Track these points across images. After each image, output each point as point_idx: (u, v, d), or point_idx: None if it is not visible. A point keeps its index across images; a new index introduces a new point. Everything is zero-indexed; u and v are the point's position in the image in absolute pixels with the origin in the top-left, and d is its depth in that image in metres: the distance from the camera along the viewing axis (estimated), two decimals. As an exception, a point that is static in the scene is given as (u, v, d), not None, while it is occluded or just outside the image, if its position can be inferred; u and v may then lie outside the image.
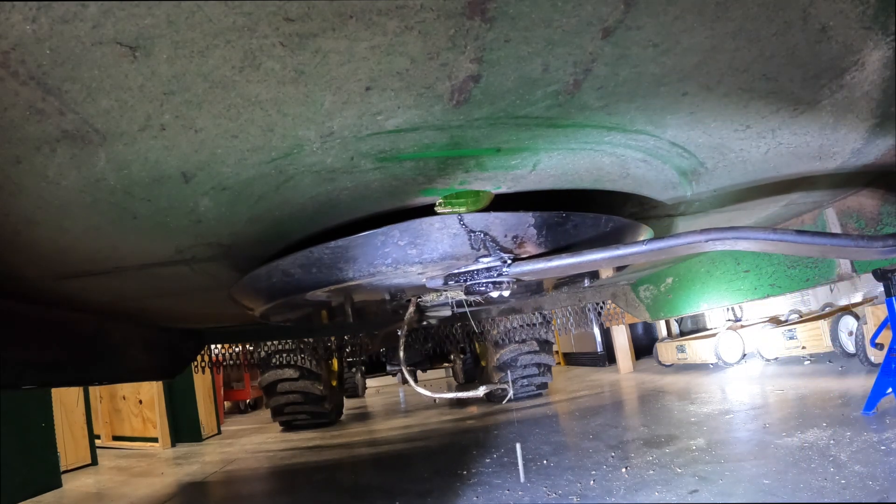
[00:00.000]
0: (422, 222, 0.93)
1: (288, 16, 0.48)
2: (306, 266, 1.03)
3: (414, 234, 0.94)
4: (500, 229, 0.96)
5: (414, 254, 0.96)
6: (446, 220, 0.93)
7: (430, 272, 1.05)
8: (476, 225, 0.94)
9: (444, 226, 0.93)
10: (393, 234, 0.94)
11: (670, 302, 2.36)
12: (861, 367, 3.36)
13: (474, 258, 1.00)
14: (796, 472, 1.72)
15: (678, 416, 2.98)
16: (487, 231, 0.95)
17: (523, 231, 0.97)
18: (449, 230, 0.94)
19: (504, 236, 0.97)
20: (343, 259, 0.99)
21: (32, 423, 3.06)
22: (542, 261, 0.96)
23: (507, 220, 0.95)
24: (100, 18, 0.45)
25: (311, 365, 4.25)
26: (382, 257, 0.97)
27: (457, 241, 0.96)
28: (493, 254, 0.99)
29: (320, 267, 1.02)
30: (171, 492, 2.78)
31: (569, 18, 0.54)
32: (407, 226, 0.93)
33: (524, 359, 4.25)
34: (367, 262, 0.99)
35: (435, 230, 0.94)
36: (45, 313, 1.36)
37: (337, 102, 0.62)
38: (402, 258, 0.97)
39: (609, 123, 0.79)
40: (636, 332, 6.39)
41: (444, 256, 0.98)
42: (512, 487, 2.06)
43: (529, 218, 0.96)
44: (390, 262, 0.98)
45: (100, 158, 0.66)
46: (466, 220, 0.93)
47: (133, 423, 4.46)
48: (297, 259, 1.02)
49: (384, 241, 0.95)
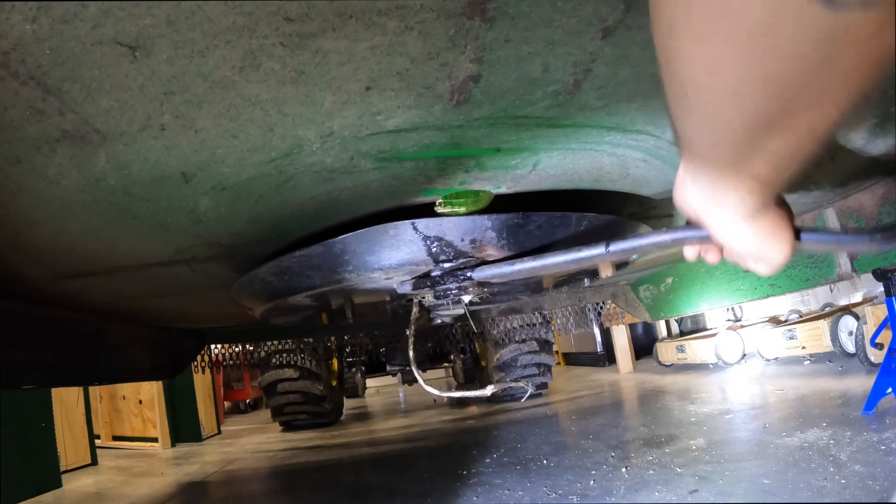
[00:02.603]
0: (375, 230, 0.94)
1: (288, 16, 0.48)
2: (279, 274, 1.08)
3: (370, 243, 0.96)
4: (456, 234, 0.96)
5: (372, 261, 0.99)
6: (399, 226, 0.94)
7: (396, 277, 1.07)
8: (429, 231, 0.94)
9: (397, 233, 0.94)
10: (349, 243, 0.96)
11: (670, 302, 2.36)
12: (861, 367, 3.36)
13: (433, 263, 1.01)
14: (796, 472, 1.73)
15: (678, 416, 2.98)
16: (442, 236, 0.95)
17: (481, 234, 0.97)
18: (404, 237, 0.95)
19: (461, 240, 0.97)
20: (309, 267, 1.03)
21: (32, 423, 3.06)
22: (507, 264, 0.94)
23: (462, 225, 0.95)
24: (100, 18, 0.45)
25: (311, 365, 4.25)
26: (344, 265, 1.00)
27: (413, 248, 0.97)
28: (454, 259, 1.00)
29: (291, 275, 1.06)
30: (172, 492, 2.78)
31: (569, 18, 0.54)
32: (363, 234, 0.95)
33: (524, 359, 4.25)
34: (331, 269, 1.02)
35: (389, 237, 0.95)
36: (44, 313, 1.36)
37: (337, 102, 0.62)
38: (362, 265, 1.00)
39: (609, 123, 0.79)
40: (636, 332, 6.39)
41: (402, 263, 0.99)
42: (512, 487, 2.06)
43: (486, 221, 0.95)
44: (351, 268, 1.00)
45: (100, 158, 0.66)
46: (419, 226, 0.94)
47: (133, 423, 4.46)
48: (270, 268, 1.07)
49: (342, 249, 0.97)
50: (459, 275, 1.02)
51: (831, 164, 1.09)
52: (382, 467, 2.85)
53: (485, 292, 1.12)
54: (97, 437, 4.05)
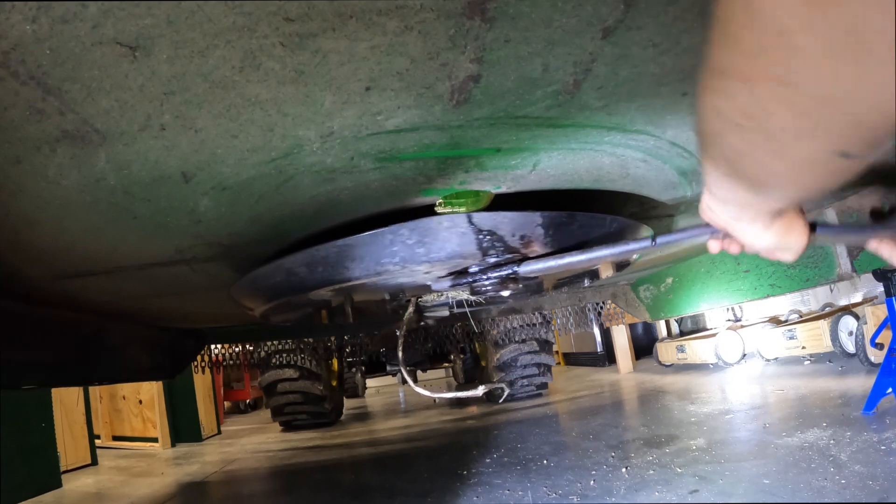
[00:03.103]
0: (430, 221, 0.93)
1: (288, 16, 0.48)
2: (312, 264, 1.02)
3: (422, 234, 0.94)
4: (508, 228, 0.96)
5: (421, 253, 0.96)
6: (455, 219, 0.93)
7: (437, 271, 1.05)
8: (484, 224, 0.94)
9: (452, 224, 0.93)
10: (401, 233, 0.94)
11: (670, 302, 2.36)
12: (861, 367, 3.36)
13: (480, 257, 1.00)
14: (796, 472, 1.72)
15: (678, 416, 2.98)
16: (495, 231, 0.95)
17: (531, 230, 0.97)
18: (457, 229, 0.94)
19: (512, 235, 0.97)
20: (351, 258, 0.99)
21: (32, 423, 3.05)
22: (551, 259, 0.96)
23: (515, 220, 0.95)
24: (100, 18, 0.45)
25: (310, 365, 4.25)
26: (391, 256, 0.97)
27: (465, 241, 0.95)
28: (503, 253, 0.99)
29: (326, 266, 1.01)
30: (172, 492, 2.78)
31: (569, 18, 0.54)
32: (415, 224, 0.93)
33: (524, 359, 4.25)
34: (374, 260, 0.98)
35: (443, 229, 0.94)
36: (44, 313, 1.36)
37: (337, 102, 0.62)
38: (410, 257, 0.96)
39: (609, 123, 0.79)
40: (636, 332, 6.39)
41: (451, 255, 0.97)
42: (512, 487, 2.06)
43: (537, 218, 0.96)
44: (398, 260, 0.97)
45: (100, 158, 0.66)
46: (475, 219, 0.93)
47: (133, 423, 4.46)
48: (302, 258, 1.01)
49: (392, 239, 0.94)
50: (504, 269, 1.01)
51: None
52: (382, 467, 2.85)
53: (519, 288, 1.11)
54: (97, 437, 4.05)
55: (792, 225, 0.62)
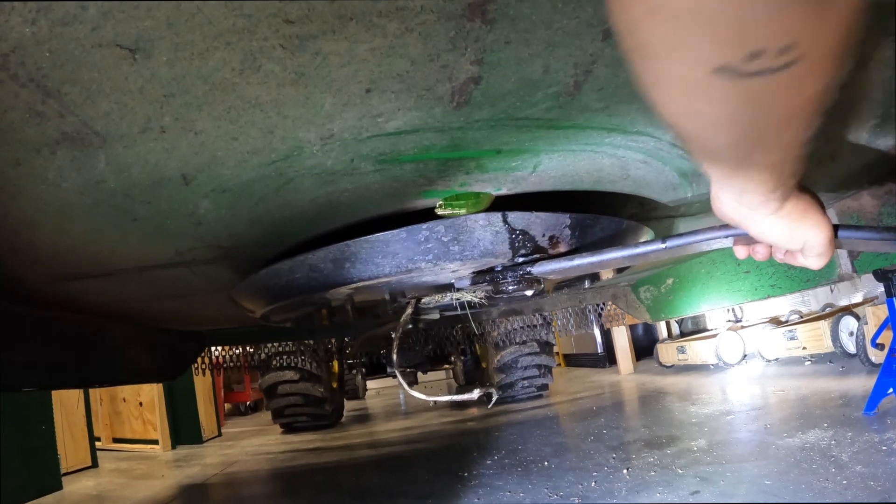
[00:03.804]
0: (467, 219, 0.94)
1: (288, 18, 0.48)
2: (339, 260, 0.99)
3: (458, 231, 0.95)
4: (539, 229, 0.96)
5: (455, 251, 0.96)
6: (491, 217, 0.94)
7: (464, 270, 1.05)
8: (518, 224, 0.95)
9: (489, 222, 0.94)
10: (437, 230, 0.94)
11: (671, 303, 2.35)
12: (862, 368, 3.35)
13: (510, 257, 1.00)
14: (798, 473, 1.72)
15: (679, 417, 2.98)
16: (528, 230, 0.96)
17: (560, 231, 0.97)
18: (493, 227, 0.95)
19: (542, 236, 0.98)
20: (383, 253, 0.97)
21: (33, 426, 3.05)
22: (564, 260, 0.97)
23: (547, 220, 0.96)
24: (99, 21, 0.45)
25: (311, 367, 4.24)
26: (425, 253, 0.96)
27: (498, 239, 0.96)
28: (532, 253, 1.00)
29: (355, 262, 0.99)
30: (172, 494, 2.77)
31: (569, 20, 0.54)
32: (452, 223, 0.94)
33: (525, 360, 4.24)
34: (408, 257, 0.97)
35: (479, 227, 0.95)
36: (44, 315, 1.36)
37: (337, 104, 0.62)
38: (444, 254, 0.96)
39: (610, 125, 0.79)
40: (636, 333, 6.38)
41: (483, 254, 0.98)
42: (513, 489, 2.06)
43: (566, 219, 0.97)
44: (431, 258, 0.97)
45: (100, 161, 0.66)
46: (510, 217, 0.94)
47: (133, 426, 4.46)
48: (331, 252, 0.98)
49: (427, 236, 0.94)
50: (519, 270, 1.02)
51: (832, 164, 1.09)
52: (383, 469, 2.85)
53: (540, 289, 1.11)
54: (97, 440, 4.05)
55: (805, 213, 0.58)
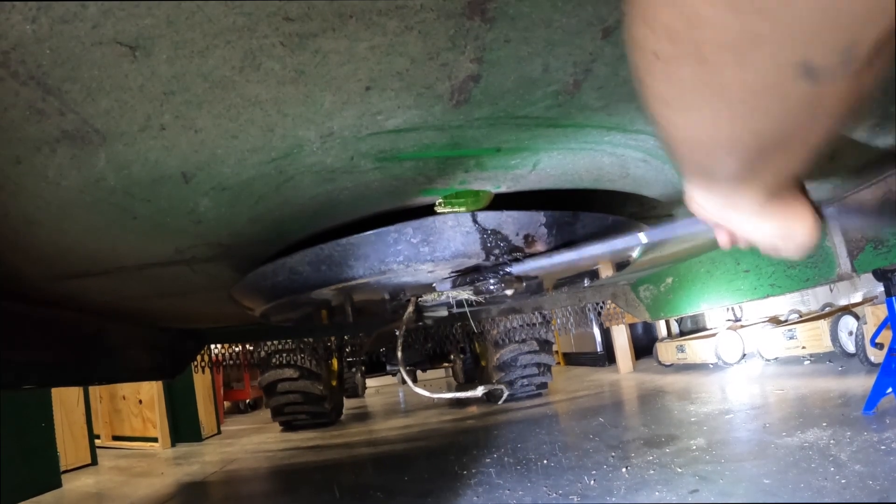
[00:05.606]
0: (435, 220, 0.93)
1: (288, 16, 0.48)
2: (315, 263, 1.02)
3: (427, 232, 0.94)
4: (513, 228, 0.96)
5: (426, 252, 0.96)
6: (460, 217, 0.93)
7: (440, 271, 1.05)
8: (489, 224, 0.94)
9: (457, 223, 0.93)
10: (405, 231, 0.94)
11: (670, 302, 2.36)
12: (861, 367, 3.35)
13: (484, 257, 1.00)
14: (796, 472, 1.72)
15: (678, 416, 2.98)
16: (500, 230, 0.95)
17: (535, 230, 0.97)
18: (462, 228, 0.94)
19: (516, 235, 0.97)
20: (355, 256, 0.98)
21: (32, 423, 3.06)
22: (542, 258, 0.96)
23: (520, 219, 0.95)
24: (100, 18, 0.45)
25: (310, 365, 4.25)
26: (395, 255, 0.97)
27: (469, 240, 0.95)
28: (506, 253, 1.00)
29: (330, 265, 1.01)
30: (172, 492, 2.78)
31: (569, 18, 0.54)
32: (421, 223, 0.93)
33: (524, 359, 4.24)
34: (379, 259, 0.98)
35: (448, 228, 0.94)
36: (45, 313, 1.36)
37: (337, 102, 0.62)
38: (414, 255, 0.96)
39: (609, 123, 0.79)
40: (636, 332, 6.38)
41: (455, 255, 0.97)
42: (513, 487, 2.06)
43: (541, 217, 0.96)
44: (402, 259, 0.97)
45: (100, 159, 0.66)
46: (479, 218, 0.93)
47: (133, 423, 4.46)
48: (306, 256, 1.01)
49: (396, 237, 0.94)
50: (500, 270, 1.02)
51: (830, 164, 1.09)
52: (382, 467, 2.85)
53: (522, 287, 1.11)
54: (97, 437, 4.05)
55: (794, 211, 0.54)
